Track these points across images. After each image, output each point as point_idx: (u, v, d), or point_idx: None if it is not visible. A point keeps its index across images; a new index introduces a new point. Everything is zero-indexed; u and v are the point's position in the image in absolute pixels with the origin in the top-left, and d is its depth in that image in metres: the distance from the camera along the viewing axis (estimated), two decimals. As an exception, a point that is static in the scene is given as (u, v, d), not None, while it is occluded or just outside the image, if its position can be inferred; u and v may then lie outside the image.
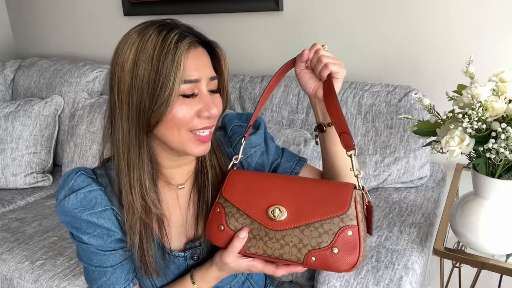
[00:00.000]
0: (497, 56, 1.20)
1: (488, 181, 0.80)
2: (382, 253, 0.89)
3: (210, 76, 0.66)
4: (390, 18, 1.32)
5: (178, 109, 0.63)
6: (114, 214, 0.70)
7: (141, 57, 0.61)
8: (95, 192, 0.68)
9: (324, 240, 0.60)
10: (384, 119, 1.17)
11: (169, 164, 0.72)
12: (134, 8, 1.82)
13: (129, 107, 0.63)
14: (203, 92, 0.65)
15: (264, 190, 0.67)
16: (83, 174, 0.69)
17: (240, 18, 1.59)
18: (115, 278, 0.71)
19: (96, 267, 0.71)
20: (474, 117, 0.74)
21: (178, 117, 0.63)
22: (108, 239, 0.69)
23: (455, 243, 0.93)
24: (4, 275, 1.18)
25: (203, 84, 0.65)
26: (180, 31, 0.63)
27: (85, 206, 0.67)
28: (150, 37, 0.61)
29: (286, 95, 1.32)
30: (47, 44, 2.24)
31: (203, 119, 0.65)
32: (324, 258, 0.60)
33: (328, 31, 1.44)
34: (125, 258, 0.72)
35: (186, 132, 0.65)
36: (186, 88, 0.62)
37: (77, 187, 0.68)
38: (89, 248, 0.70)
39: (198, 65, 0.64)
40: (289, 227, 0.62)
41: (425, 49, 1.29)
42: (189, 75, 0.62)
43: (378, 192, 1.19)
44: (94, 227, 0.68)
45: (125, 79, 0.62)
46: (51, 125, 1.75)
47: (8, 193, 1.65)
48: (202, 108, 0.64)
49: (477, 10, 1.19)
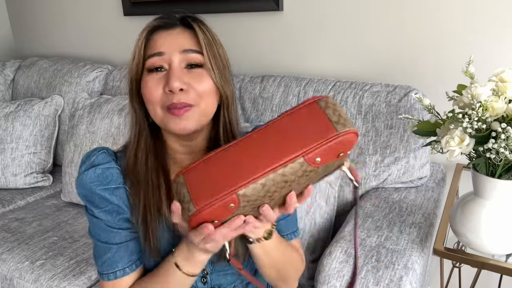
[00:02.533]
0: (497, 56, 1.20)
1: (488, 181, 0.80)
2: (382, 253, 0.89)
3: (182, 49, 0.66)
4: (390, 18, 1.32)
5: (143, 84, 0.67)
6: (126, 194, 0.73)
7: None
8: (112, 170, 0.73)
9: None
10: (384, 119, 1.17)
11: (179, 149, 0.74)
12: (134, 8, 1.82)
13: (128, 86, 0.71)
14: (173, 65, 0.66)
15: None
16: (105, 153, 0.74)
17: (240, 18, 1.59)
18: (119, 256, 0.72)
19: (103, 243, 0.73)
20: (474, 117, 0.74)
21: (146, 92, 0.67)
22: (116, 216, 0.72)
23: (455, 243, 0.93)
24: (4, 275, 1.18)
25: (172, 57, 0.66)
26: (160, 16, 0.69)
27: (101, 181, 0.71)
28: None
29: (286, 95, 1.32)
30: (47, 44, 2.24)
31: (168, 95, 0.65)
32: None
33: (328, 31, 1.44)
34: (131, 239, 0.73)
35: (159, 108, 0.67)
36: (150, 62, 0.66)
37: (97, 162, 0.72)
38: (98, 223, 0.72)
39: (166, 40, 0.67)
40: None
41: (425, 49, 1.29)
42: (153, 50, 0.66)
43: (378, 192, 1.19)
44: (106, 202, 0.71)
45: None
46: (51, 125, 1.75)
47: (8, 193, 1.65)
48: (165, 82, 0.65)
49: (477, 10, 1.19)
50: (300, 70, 1.53)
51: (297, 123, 0.53)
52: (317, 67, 1.50)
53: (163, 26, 0.69)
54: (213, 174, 0.52)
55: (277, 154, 0.52)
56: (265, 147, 0.52)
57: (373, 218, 1.03)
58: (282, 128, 0.54)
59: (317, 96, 0.56)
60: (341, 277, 0.84)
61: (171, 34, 0.68)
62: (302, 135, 0.52)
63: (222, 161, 0.53)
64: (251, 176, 0.51)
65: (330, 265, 0.87)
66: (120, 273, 0.72)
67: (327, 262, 0.88)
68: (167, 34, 0.68)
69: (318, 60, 1.49)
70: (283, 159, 0.51)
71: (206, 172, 0.53)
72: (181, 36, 0.68)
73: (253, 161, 0.52)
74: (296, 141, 0.52)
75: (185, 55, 0.66)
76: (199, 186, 0.52)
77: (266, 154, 0.52)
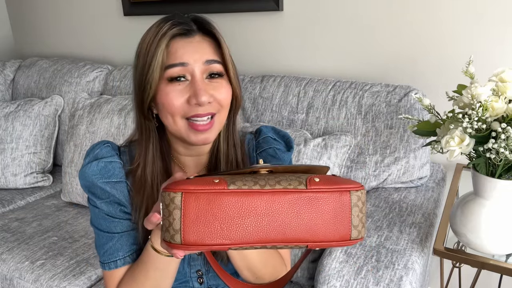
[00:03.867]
0: (497, 56, 1.20)
1: (488, 181, 0.80)
2: (382, 253, 0.89)
3: (204, 60, 0.66)
4: (390, 17, 1.32)
5: (163, 93, 0.65)
6: (127, 189, 0.74)
7: (141, 47, 0.67)
8: (114, 164, 0.74)
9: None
10: (384, 119, 1.18)
11: (183, 151, 0.75)
12: (134, 8, 1.82)
13: (134, 89, 0.70)
14: (196, 77, 0.65)
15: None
16: (109, 146, 0.76)
17: (240, 18, 1.59)
18: (120, 244, 0.73)
19: (105, 232, 0.74)
20: (474, 117, 0.74)
21: (166, 103, 0.65)
22: (117, 207, 0.74)
23: (455, 243, 0.93)
24: (4, 275, 1.18)
25: (195, 68, 0.65)
26: (176, 21, 0.66)
27: (102, 174, 0.73)
28: (153, 26, 0.67)
29: (286, 95, 1.32)
30: (47, 44, 2.24)
31: (193, 106, 0.65)
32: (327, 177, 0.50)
33: (328, 31, 1.44)
34: (132, 229, 0.74)
35: (181, 119, 0.66)
36: (171, 72, 0.65)
37: (101, 156, 0.74)
38: (100, 213, 0.74)
39: (187, 50, 0.65)
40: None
41: (425, 49, 1.29)
42: (174, 59, 0.65)
43: (378, 192, 1.19)
44: (107, 194, 0.73)
45: (133, 65, 0.70)
46: (51, 125, 1.75)
47: (8, 193, 1.65)
48: (191, 95, 0.65)
49: (477, 10, 1.19)
50: (300, 70, 1.53)
51: (318, 208, 0.49)
52: (317, 67, 1.50)
53: (183, 34, 0.67)
54: (214, 218, 0.47)
55: (284, 232, 0.48)
56: (275, 219, 0.48)
57: (373, 218, 1.03)
58: (301, 208, 0.49)
59: (354, 181, 0.51)
60: (341, 277, 0.84)
61: (191, 43, 0.66)
62: (318, 226, 0.49)
63: (228, 209, 0.48)
64: (250, 242, 0.48)
65: (330, 265, 0.87)
66: (121, 262, 0.73)
67: (327, 262, 0.88)
68: (187, 42, 0.66)
69: (318, 60, 1.49)
70: (288, 242, 0.48)
71: (208, 211, 0.47)
72: (202, 45, 0.67)
73: (257, 227, 0.48)
74: (309, 231, 0.49)
75: (207, 66, 0.66)
76: (194, 222, 0.47)
77: (273, 227, 0.48)
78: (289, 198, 0.48)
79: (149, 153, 0.72)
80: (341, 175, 1.19)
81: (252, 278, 0.73)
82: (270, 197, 0.48)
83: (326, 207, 0.49)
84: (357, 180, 1.20)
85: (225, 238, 0.47)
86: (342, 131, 1.23)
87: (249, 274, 0.72)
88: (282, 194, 0.48)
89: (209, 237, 0.47)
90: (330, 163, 1.14)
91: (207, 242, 0.47)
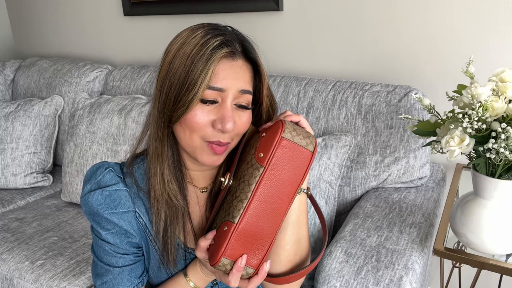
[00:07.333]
0: (497, 56, 1.20)
1: (488, 181, 0.80)
2: (382, 253, 0.89)
3: (240, 89, 0.63)
4: (390, 18, 1.32)
5: (193, 112, 0.62)
6: (135, 217, 0.70)
7: (180, 53, 0.62)
8: (120, 193, 0.69)
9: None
10: (384, 119, 1.18)
11: (191, 166, 0.72)
12: (134, 8, 1.82)
13: (160, 96, 0.64)
14: (227, 103, 0.63)
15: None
16: (112, 172, 0.70)
17: (240, 18, 1.59)
18: (121, 279, 0.72)
19: (105, 264, 0.71)
20: (474, 117, 0.74)
21: (192, 120, 0.62)
22: (124, 239, 0.70)
23: (455, 243, 0.93)
24: (4, 275, 1.18)
25: (229, 95, 0.63)
26: (225, 39, 0.62)
27: (108, 205, 0.68)
28: (195, 37, 0.62)
29: (286, 95, 1.32)
30: (47, 44, 2.24)
31: (217, 132, 0.63)
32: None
33: (328, 31, 1.44)
34: (135, 263, 0.73)
35: (198, 138, 0.64)
36: (207, 94, 0.61)
37: (104, 183, 0.69)
38: (103, 245, 0.70)
39: (228, 75, 0.62)
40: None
41: (425, 49, 1.29)
42: (215, 81, 0.61)
43: (378, 192, 1.19)
44: (113, 225, 0.69)
45: (164, 68, 0.64)
46: (51, 125, 1.75)
47: (8, 193, 1.65)
48: (217, 119, 0.62)
49: (477, 10, 1.19)
50: (300, 70, 1.53)
51: (283, 169, 0.62)
52: (317, 67, 1.50)
53: (228, 55, 0.63)
54: (247, 244, 0.62)
55: (282, 208, 0.63)
56: (272, 199, 0.62)
57: (373, 218, 1.03)
58: (274, 179, 0.62)
59: (275, 123, 0.64)
60: (341, 277, 0.84)
61: (233, 67, 0.63)
62: (294, 178, 0.63)
63: (248, 230, 0.61)
64: (272, 224, 0.63)
65: (330, 265, 0.87)
66: None
67: (327, 262, 0.88)
68: (229, 66, 0.63)
69: (318, 60, 1.49)
70: (290, 197, 0.64)
71: (240, 244, 0.62)
72: (242, 72, 0.64)
73: (269, 215, 0.62)
74: (292, 185, 0.63)
75: (240, 95, 0.64)
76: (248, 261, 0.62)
77: (275, 213, 0.63)
78: (264, 184, 0.61)
79: (164, 166, 0.68)
80: (341, 175, 1.19)
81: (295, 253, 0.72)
82: (258, 198, 0.61)
83: (285, 163, 0.62)
84: (357, 180, 1.20)
85: (265, 243, 0.63)
86: (342, 131, 1.23)
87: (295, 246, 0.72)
88: (259, 186, 0.61)
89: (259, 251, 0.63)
90: (330, 163, 1.14)
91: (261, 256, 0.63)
